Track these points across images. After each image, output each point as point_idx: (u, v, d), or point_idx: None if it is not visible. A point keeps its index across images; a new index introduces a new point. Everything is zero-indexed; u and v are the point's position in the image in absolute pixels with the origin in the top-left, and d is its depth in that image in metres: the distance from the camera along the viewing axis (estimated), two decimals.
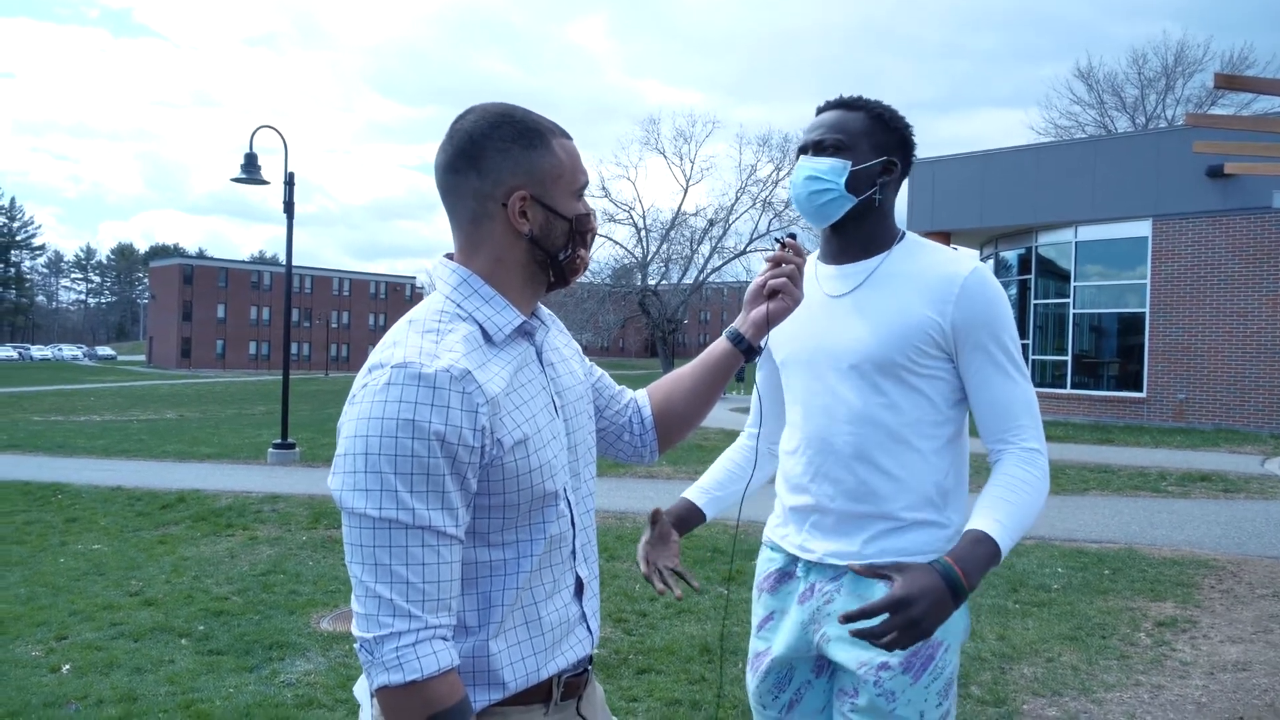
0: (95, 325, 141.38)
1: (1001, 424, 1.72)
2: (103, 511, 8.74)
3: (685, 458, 12.32)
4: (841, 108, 1.84)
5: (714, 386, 1.65)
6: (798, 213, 1.88)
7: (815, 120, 1.85)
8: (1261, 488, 10.31)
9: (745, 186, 40.27)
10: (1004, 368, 1.72)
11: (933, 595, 1.47)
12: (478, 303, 1.34)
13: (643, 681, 4.29)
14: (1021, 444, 1.71)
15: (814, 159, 1.79)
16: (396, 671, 1.17)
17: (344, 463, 1.22)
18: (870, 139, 1.80)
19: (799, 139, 1.89)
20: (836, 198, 1.78)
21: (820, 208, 1.79)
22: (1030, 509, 1.66)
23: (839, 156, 1.78)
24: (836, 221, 1.81)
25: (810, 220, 1.83)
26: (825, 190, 1.77)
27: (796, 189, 1.81)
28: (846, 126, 1.80)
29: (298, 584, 6.04)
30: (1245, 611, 5.53)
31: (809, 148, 1.83)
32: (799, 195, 1.81)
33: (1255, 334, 16.57)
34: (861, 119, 1.81)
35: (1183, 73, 38.82)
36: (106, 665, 4.49)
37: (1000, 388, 1.72)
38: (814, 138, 1.82)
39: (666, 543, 1.92)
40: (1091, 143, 21.05)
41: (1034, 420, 1.73)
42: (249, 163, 12.87)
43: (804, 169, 1.80)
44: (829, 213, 1.80)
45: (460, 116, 1.38)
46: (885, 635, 1.45)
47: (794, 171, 1.83)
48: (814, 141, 1.82)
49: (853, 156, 1.78)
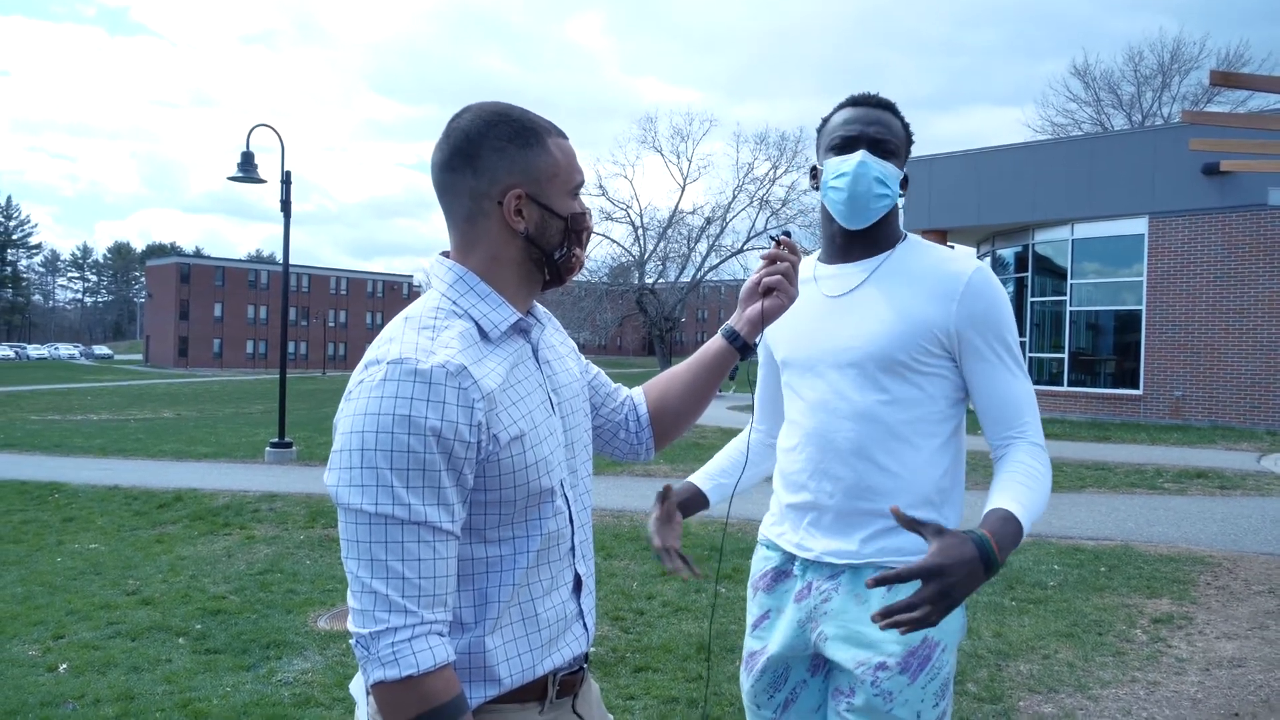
0: (92, 324, 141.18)
1: (1007, 420, 1.74)
2: (100, 511, 8.74)
3: (682, 455, 12.32)
4: (882, 108, 1.82)
5: (709, 384, 1.66)
6: (833, 205, 1.80)
7: (863, 113, 1.80)
8: (1258, 484, 10.33)
9: (742, 184, 40.21)
10: (1008, 365, 1.74)
11: (968, 565, 1.41)
12: (474, 300, 1.34)
13: (640, 680, 4.29)
14: (1029, 438, 1.72)
15: (880, 161, 1.77)
16: (392, 667, 1.17)
17: (340, 458, 1.22)
18: (904, 148, 1.83)
19: (837, 124, 1.82)
20: (889, 202, 1.79)
21: (874, 210, 1.78)
22: (1043, 498, 1.65)
23: (892, 161, 1.78)
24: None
25: (852, 217, 1.79)
26: (885, 194, 1.77)
27: (859, 185, 1.75)
28: (894, 130, 1.80)
29: (295, 583, 6.04)
30: (1241, 608, 5.54)
31: (867, 142, 1.77)
32: (861, 192, 1.75)
33: (1251, 331, 16.60)
34: (899, 127, 1.82)
35: (1179, 70, 38.87)
36: (104, 664, 4.49)
37: (1005, 385, 1.74)
38: (875, 132, 1.78)
39: (671, 522, 1.90)
40: (1088, 140, 21.07)
41: (1036, 417, 1.76)
42: (246, 161, 12.85)
43: (874, 168, 1.75)
44: (874, 215, 1.79)
45: (457, 115, 1.39)
46: (919, 607, 1.39)
47: (855, 164, 1.75)
48: (876, 138, 1.78)
49: (898, 163, 1.80)
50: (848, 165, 1.77)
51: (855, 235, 1.83)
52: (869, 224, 1.80)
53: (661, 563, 1.85)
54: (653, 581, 6.02)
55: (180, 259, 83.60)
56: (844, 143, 1.80)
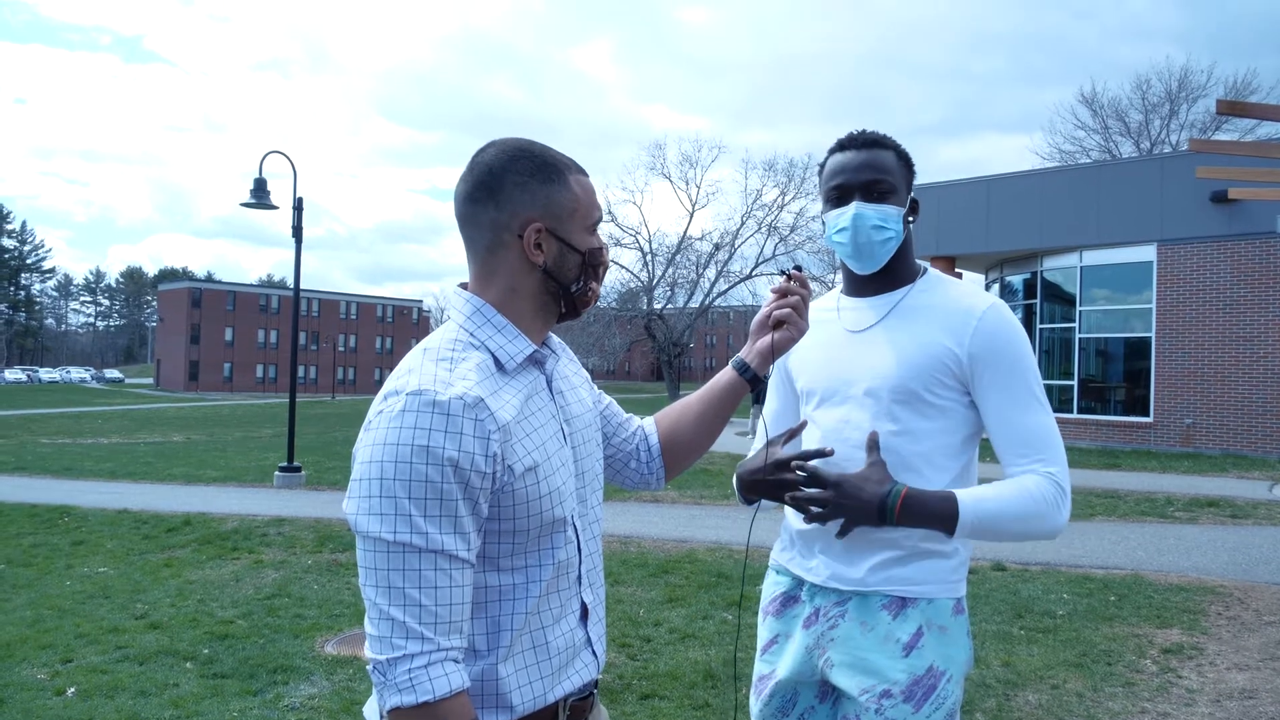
0: (104, 348, 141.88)
1: (1024, 451, 1.73)
2: (109, 534, 8.76)
3: (691, 483, 12.31)
4: (873, 146, 1.83)
5: (720, 415, 1.68)
6: (841, 255, 1.85)
7: (852, 158, 1.83)
8: (1269, 513, 10.26)
9: (751, 211, 40.39)
10: (1023, 398, 1.74)
11: (864, 502, 1.68)
12: (490, 332, 1.38)
13: (646, 707, 4.28)
14: (1044, 467, 1.71)
15: (876, 205, 1.79)
16: (409, 693, 1.19)
17: (359, 487, 1.24)
18: (903, 178, 1.84)
19: (830, 173, 1.85)
20: (893, 241, 1.81)
21: (881, 254, 1.81)
22: (1016, 514, 1.67)
23: (889, 201, 1.80)
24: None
25: (862, 264, 1.83)
26: (888, 237, 1.80)
27: (859, 236, 1.79)
28: (888, 167, 1.82)
29: (303, 607, 6.05)
30: (1252, 639, 5.50)
31: (858, 190, 1.80)
32: (863, 243, 1.79)
33: (1263, 358, 16.55)
34: (892, 158, 1.84)
35: (1186, 98, 39.00)
36: (111, 688, 4.50)
37: (1020, 417, 1.73)
38: (865, 178, 1.80)
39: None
40: (1096, 168, 21.13)
41: (1058, 450, 1.74)
42: (259, 187, 12.98)
43: (869, 216, 1.79)
44: (882, 256, 1.82)
45: (481, 150, 1.43)
46: (818, 503, 1.70)
47: (850, 217, 1.79)
48: (867, 182, 1.80)
49: (897, 199, 1.82)
50: (844, 219, 1.81)
51: (874, 274, 1.87)
52: (879, 266, 1.84)
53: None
54: (660, 608, 6.01)
55: (191, 283, 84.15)
56: (838, 195, 1.84)
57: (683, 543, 8.36)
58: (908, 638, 1.73)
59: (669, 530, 9.01)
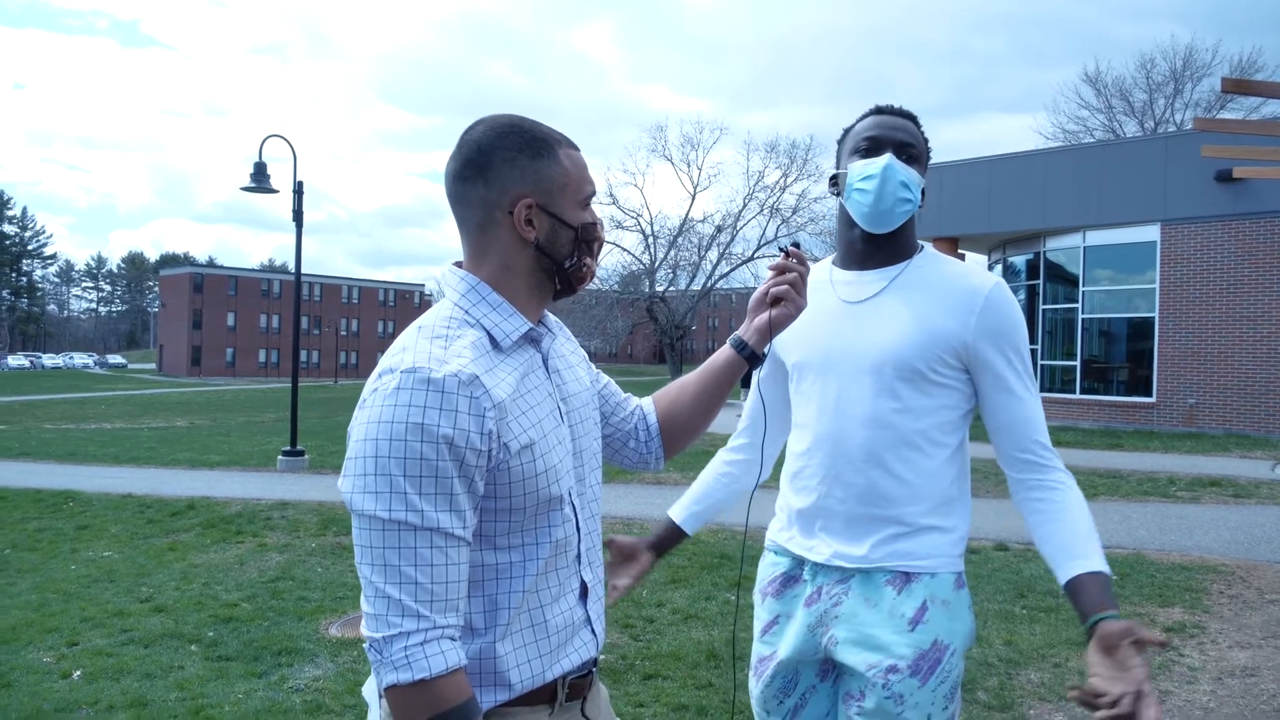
0: (106, 334, 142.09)
1: (1022, 438, 1.76)
2: (113, 519, 8.79)
3: (693, 464, 12.31)
4: (905, 117, 1.84)
5: (718, 393, 1.67)
6: (856, 208, 1.80)
7: (888, 120, 1.82)
8: (1272, 493, 10.26)
9: (753, 193, 40.28)
10: (1022, 380, 1.77)
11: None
12: (485, 310, 1.37)
13: (649, 687, 4.30)
14: (1056, 466, 1.75)
15: (905, 166, 1.78)
16: (405, 670, 1.19)
17: (354, 465, 1.24)
18: (924, 155, 1.85)
19: (863, 131, 1.83)
20: (911, 209, 1.80)
21: (897, 215, 1.79)
22: (1092, 521, 1.73)
23: (915, 167, 1.80)
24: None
25: (875, 222, 1.79)
26: (908, 199, 1.78)
27: (885, 187, 1.75)
28: (917, 138, 1.83)
29: (306, 590, 6.07)
30: (1254, 617, 5.51)
31: (888, 145, 1.78)
32: (885, 194, 1.76)
33: (1266, 338, 16.51)
34: (921, 137, 1.84)
35: (1191, 77, 38.75)
36: (117, 671, 4.52)
37: (1019, 401, 1.77)
38: (899, 138, 1.79)
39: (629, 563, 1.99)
40: (1099, 147, 21.02)
41: (1047, 434, 1.79)
42: (258, 172, 12.95)
43: (899, 172, 1.76)
44: (896, 221, 1.80)
45: (470, 127, 1.41)
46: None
47: (883, 167, 1.75)
48: (900, 142, 1.79)
49: (920, 169, 1.82)
50: (874, 167, 1.77)
51: (875, 242, 1.84)
52: (890, 229, 1.81)
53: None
54: (663, 589, 6.02)
55: (193, 268, 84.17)
56: (870, 145, 1.81)
57: None
58: (913, 612, 1.73)
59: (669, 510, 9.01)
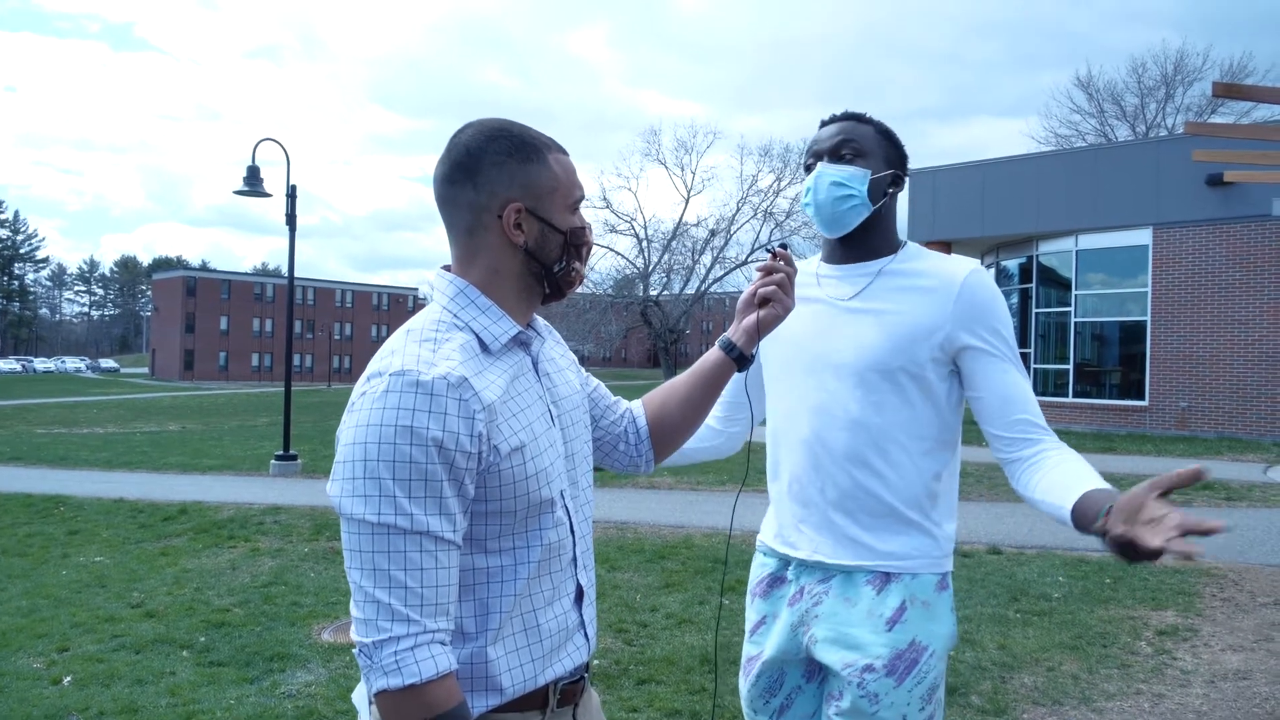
0: (98, 338, 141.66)
1: (1013, 414, 1.75)
2: (105, 524, 8.76)
3: (687, 468, 12.32)
4: (850, 120, 1.86)
5: (708, 395, 1.67)
6: (812, 220, 1.87)
7: (826, 130, 1.87)
8: (1264, 496, 10.29)
9: (746, 197, 40.39)
10: (1007, 359, 1.77)
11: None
12: (474, 313, 1.36)
13: (643, 692, 4.29)
14: (1034, 427, 1.74)
15: (837, 165, 1.81)
16: (395, 675, 1.18)
17: (343, 469, 1.23)
18: (881, 150, 1.85)
19: (806, 150, 1.90)
20: (858, 204, 1.80)
21: (842, 214, 1.81)
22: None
23: (856, 163, 1.81)
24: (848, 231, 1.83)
25: (827, 228, 1.84)
26: (848, 196, 1.80)
27: (819, 194, 1.81)
28: (860, 136, 1.84)
29: (299, 595, 6.05)
30: (1246, 620, 5.52)
31: (825, 154, 1.83)
32: (822, 201, 1.81)
33: (1257, 342, 16.57)
34: (870, 132, 1.85)
35: (1182, 81, 38.93)
36: (108, 677, 4.50)
37: (1007, 379, 1.76)
38: (831, 144, 1.83)
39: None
40: (1091, 151, 21.08)
41: (1037, 408, 1.77)
42: (252, 175, 12.92)
43: (828, 174, 1.80)
44: (848, 220, 1.81)
45: (459, 130, 1.41)
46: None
47: (814, 178, 1.83)
48: (832, 148, 1.83)
49: (869, 165, 1.82)
50: (809, 181, 1.85)
51: (850, 243, 1.86)
52: (847, 230, 1.83)
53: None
54: (656, 594, 6.02)
55: (186, 272, 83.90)
56: (811, 162, 1.87)
57: (679, 528, 8.37)
58: (891, 612, 1.74)
59: (665, 516, 9.02)
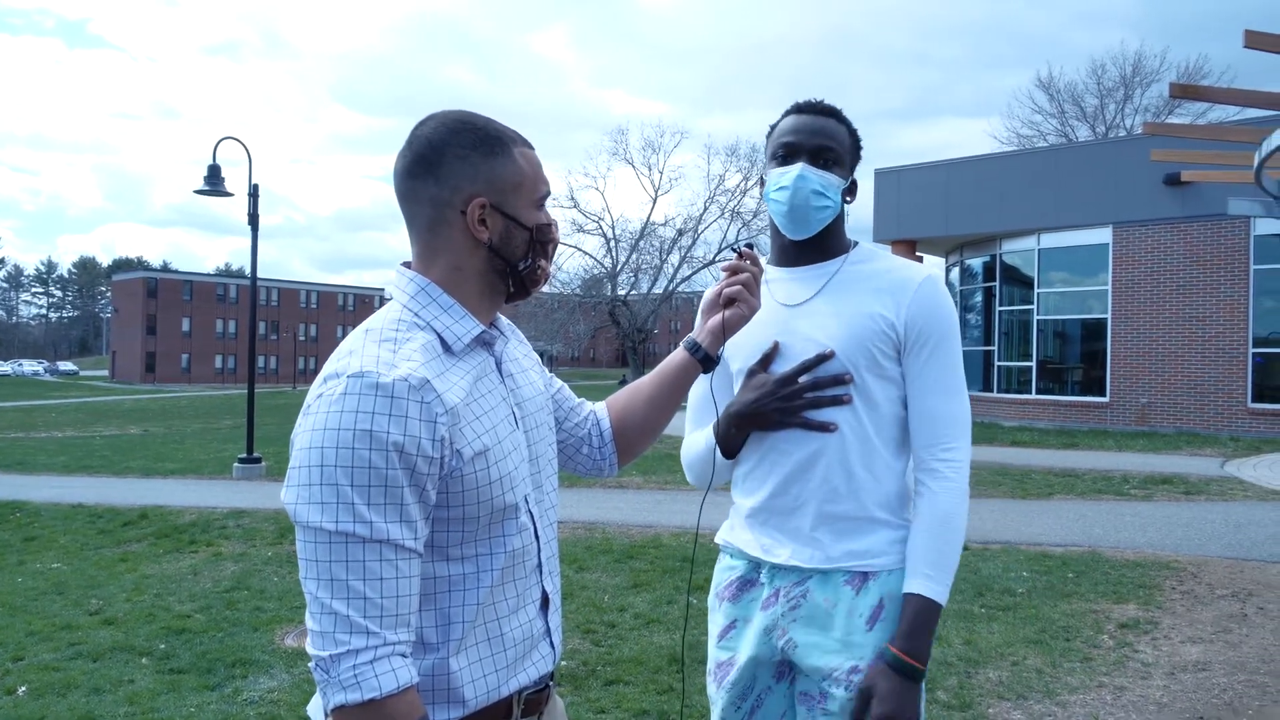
0: (57, 340, 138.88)
1: (933, 432, 1.75)
2: (63, 529, 8.57)
3: (655, 467, 12.32)
4: (827, 115, 1.82)
5: (673, 396, 1.65)
6: (776, 216, 1.82)
7: (806, 122, 1.81)
8: (1221, 490, 10.48)
9: (714, 196, 40.50)
10: (946, 377, 1.75)
11: (897, 694, 1.63)
12: (436, 312, 1.32)
13: (611, 693, 4.26)
14: (941, 456, 1.73)
15: (819, 172, 1.77)
16: (354, 690, 1.14)
17: (298, 475, 1.19)
18: (849, 156, 1.83)
19: (778, 135, 1.83)
20: (831, 209, 1.79)
21: (814, 218, 1.78)
22: (954, 541, 1.71)
23: (834, 170, 1.79)
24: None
25: (793, 228, 1.80)
26: (825, 205, 1.78)
27: (796, 196, 1.76)
28: (838, 138, 1.81)
29: (262, 600, 5.95)
30: (1205, 612, 5.61)
31: (807, 152, 1.78)
32: (799, 202, 1.76)
33: (1214, 338, 16.88)
34: (844, 133, 1.83)
35: (1140, 83, 39.64)
36: (64, 686, 4.39)
37: (936, 399, 1.75)
38: (816, 143, 1.78)
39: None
40: (1053, 151, 21.38)
41: (964, 433, 1.76)
42: (212, 175, 12.72)
43: (812, 179, 1.76)
44: (816, 223, 1.79)
45: (421, 123, 1.37)
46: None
47: (794, 178, 1.76)
48: (817, 147, 1.78)
49: (842, 172, 1.80)
50: (787, 179, 1.78)
51: (804, 244, 1.84)
52: (812, 233, 1.81)
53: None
54: (624, 594, 5.99)
55: (147, 273, 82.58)
56: (785, 152, 1.81)
57: (647, 528, 8.35)
58: (870, 610, 1.73)
59: (633, 516, 9.00)
